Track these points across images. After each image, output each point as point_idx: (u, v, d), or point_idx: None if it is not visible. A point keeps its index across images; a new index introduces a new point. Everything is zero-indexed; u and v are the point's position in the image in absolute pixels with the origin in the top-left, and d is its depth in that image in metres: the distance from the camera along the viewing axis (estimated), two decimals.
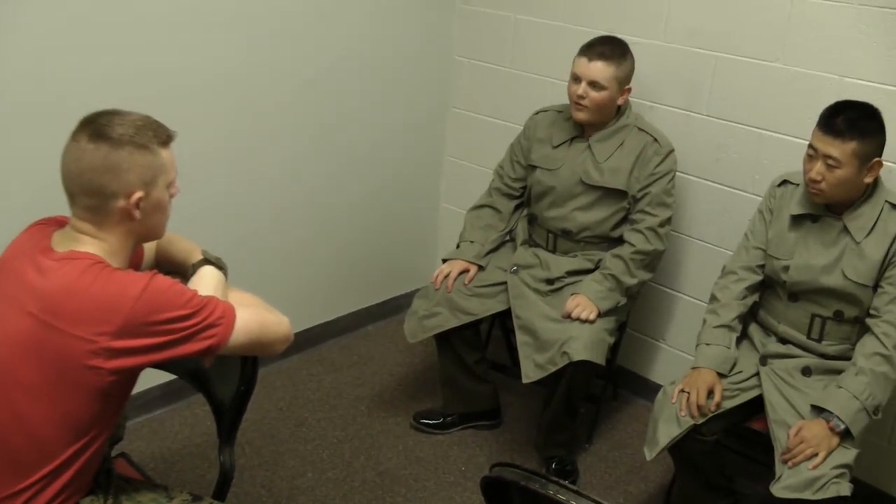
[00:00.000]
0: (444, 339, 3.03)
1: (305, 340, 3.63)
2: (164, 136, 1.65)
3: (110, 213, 1.61)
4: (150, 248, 1.92)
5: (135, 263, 1.82)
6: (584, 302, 2.79)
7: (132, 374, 1.65)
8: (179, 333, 1.58)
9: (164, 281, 1.59)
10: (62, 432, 1.61)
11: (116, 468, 1.90)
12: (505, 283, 2.97)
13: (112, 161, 1.57)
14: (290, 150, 3.31)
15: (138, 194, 1.60)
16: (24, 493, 1.61)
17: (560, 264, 2.96)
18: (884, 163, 2.36)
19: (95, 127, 1.58)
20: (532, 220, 3.11)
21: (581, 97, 2.80)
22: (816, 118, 2.34)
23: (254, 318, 1.70)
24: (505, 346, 3.52)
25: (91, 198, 1.60)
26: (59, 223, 1.71)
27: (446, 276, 2.99)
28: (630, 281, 2.85)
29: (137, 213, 1.62)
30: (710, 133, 3.03)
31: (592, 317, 2.75)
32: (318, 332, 3.69)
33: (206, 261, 1.83)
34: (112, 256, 1.63)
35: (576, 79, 2.82)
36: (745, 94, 2.92)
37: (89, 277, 1.55)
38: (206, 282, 1.76)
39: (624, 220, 2.94)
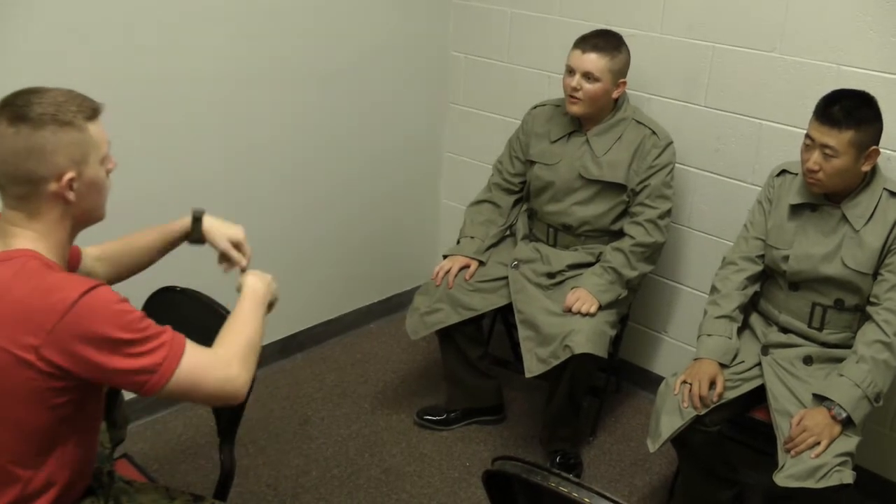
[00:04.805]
0: (447, 335, 3.03)
1: (308, 339, 3.64)
2: (88, 110, 1.52)
3: (42, 198, 1.50)
4: (91, 256, 1.87)
5: (71, 265, 1.72)
6: (584, 295, 2.79)
7: (78, 388, 1.49)
8: (111, 357, 1.44)
9: (107, 294, 1.46)
10: (25, 444, 1.51)
11: (118, 470, 1.89)
12: (506, 277, 2.97)
13: (35, 143, 1.45)
14: (288, 151, 3.31)
15: (69, 175, 1.49)
16: None
17: (561, 258, 2.96)
18: (881, 150, 2.35)
19: (13, 109, 1.46)
20: (532, 214, 3.11)
21: (575, 89, 2.80)
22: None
23: (194, 371, 1.52)
24: (507, 341, 3.53)
25: (20, 186, 1.49)
26: None
27: (447, 273, 3.00)
28: (630, 273, 2.85)
29: (71, 195, 1.51)
30: (708, 124, 3.03)
31: (593, 310, 2.76)
32: (320, 331, 3.70)
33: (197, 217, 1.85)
34: (48, 248, 1.53)
35: (570, 71, 2.82)
36: (744, 84, 2.91)
37: (22, 279, 1.45)
38: (250, 297, 1.73)
39: (624, 213, 2.94)
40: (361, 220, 3.69)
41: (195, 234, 1.90)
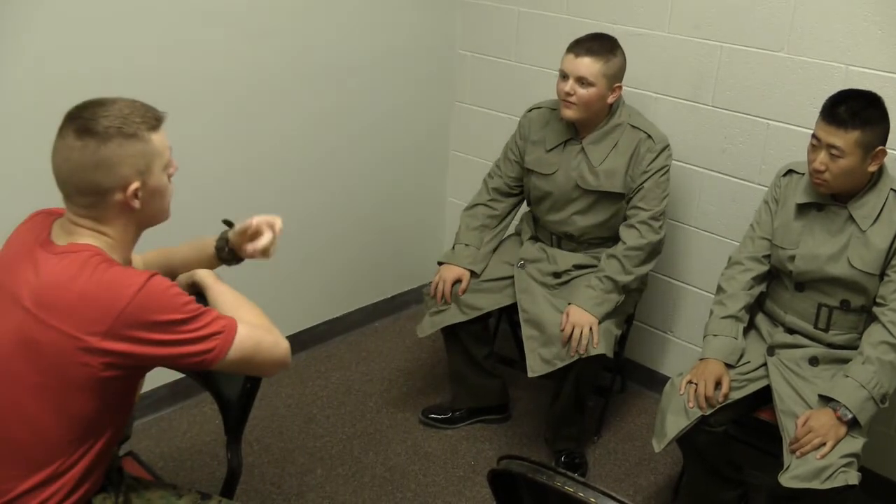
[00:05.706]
0: (452, 334, 3.02)
1: (313, 337, 3.64)
2: (152, 121, 1.59)
3: (108, 207, 1.57)
4: (137, 262, 1.91)
5: None
6: (579, 320, 2.71)
7: (130, 375, 1.61)
8: (174, 336, 1.54)
9: (162, 282, 1.55)
10: (66, 429, 1.58)
11: (124, 467, 1.90)
12: (512, 277, 2.97)
13: (102, 157, 1.52)
14: (294, 148, 3.31)
15: (135, 185, 1.56)
16: (36, 490, 1.59)
17: (567, 258, 2.95)
18: (888, 151, 2.34)
19: (81, 122, 1.53)
20: (535, 219, 3.10)
21: (569, 94, 2.75)
22: None
23: (251, 336, 1.65)
24: (513, 340, 3.52)
25: (87, 196, 1.56)
26: (60, 214, 1.66)
27: (443, 291, 2.96)
28: (626, 279, 2.81)
29: (137, 203, 1.58)
30: (716, 124, 3.03)
31: (587, 331, 2.71)
32: (325, 329, 3.70)
33: (224, 235, 1.94)
34: (113, 249, 1.60)
35: (564, 76, 2.78)
36: (751, 84, 2.91)
37: (86, 272, 1.51)
38: (221, 296, 1.80)
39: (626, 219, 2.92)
40: (366, 218, 3.69)
41: (220, 243, 1.95)
